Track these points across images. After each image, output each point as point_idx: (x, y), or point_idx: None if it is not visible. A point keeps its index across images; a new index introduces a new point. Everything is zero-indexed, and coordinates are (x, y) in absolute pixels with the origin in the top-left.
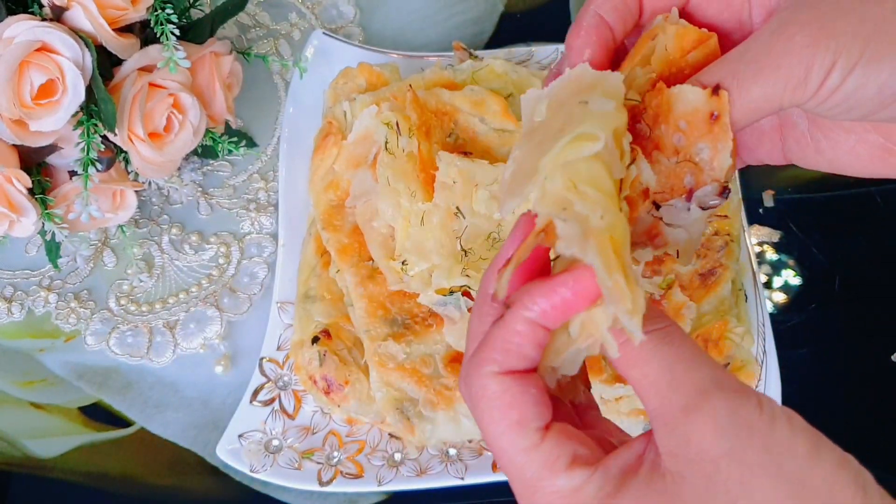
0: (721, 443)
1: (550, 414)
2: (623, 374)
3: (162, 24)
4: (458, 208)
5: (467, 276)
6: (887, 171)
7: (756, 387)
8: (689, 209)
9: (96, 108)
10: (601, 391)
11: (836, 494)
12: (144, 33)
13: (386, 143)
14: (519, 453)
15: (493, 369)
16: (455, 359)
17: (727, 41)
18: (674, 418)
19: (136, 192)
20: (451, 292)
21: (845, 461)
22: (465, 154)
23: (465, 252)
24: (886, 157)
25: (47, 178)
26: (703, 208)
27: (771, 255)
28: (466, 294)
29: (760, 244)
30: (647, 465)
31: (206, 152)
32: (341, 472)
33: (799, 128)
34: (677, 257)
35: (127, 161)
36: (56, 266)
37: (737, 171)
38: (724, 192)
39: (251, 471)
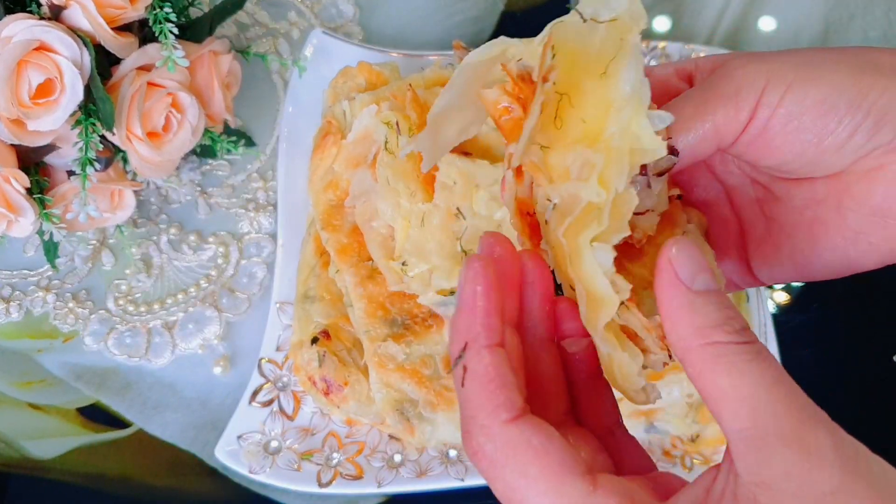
0: (830, 479)
1: (581, 456)
2: (701, 381)
3: (160, 23)
4: (458, 209)
5: None
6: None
7: None
8: (649, 184)
9: (94, 108)
10: None
11: None
12: (143, 32)
13: (386, 142)
14: None
15: (505, 416)
16: None
17: None
18: (769, 444)
19: (134, 191)
20: (452, 292)
21: None
22: (465, 154)
23: (466, 253)
24: (850, 245)
25: (45, 178)
26: (660, 174)
27: None
28: None
29: None
30: (721, 497)
31: (204, 152)
32: (341, 474)
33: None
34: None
35: (125, 161)
36: (54, 266)
37: None
38: (673, 150)
39: (250, 472)
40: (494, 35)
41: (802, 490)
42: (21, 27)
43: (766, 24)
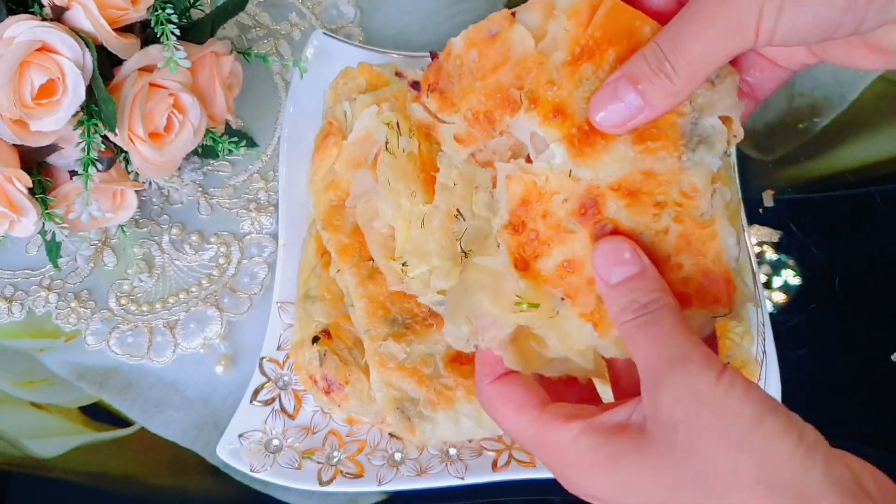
0: (677, 409)
1: (544, 396)
2: (629, 350)
3: (162, 24)
4: (458, 210)
5: None
6: (890, 64)
7: None
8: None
9: (97, 108)
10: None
11: (772, 455)
12: (145, 33)
13: (386, 143)
14: (525, 428)
15: (486, 381)
16: (455, 358)
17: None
18: (650, 387)
19: (136, 191)
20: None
21: (790, 425)
22: None
23: (466, 254)
24: (885, 60)
25: (48, 178)
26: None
27: (771, 254)
28: None
29: (760, 244)
30: (636, 423)
31: (206, 152)
32: (341, 472)
33: None
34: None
35: (127, 161)
36: (56, 266)
37: (736, 172)
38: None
39: (251, 471)
40: None
41: (666, 419)
42: (23, 28)
43: None
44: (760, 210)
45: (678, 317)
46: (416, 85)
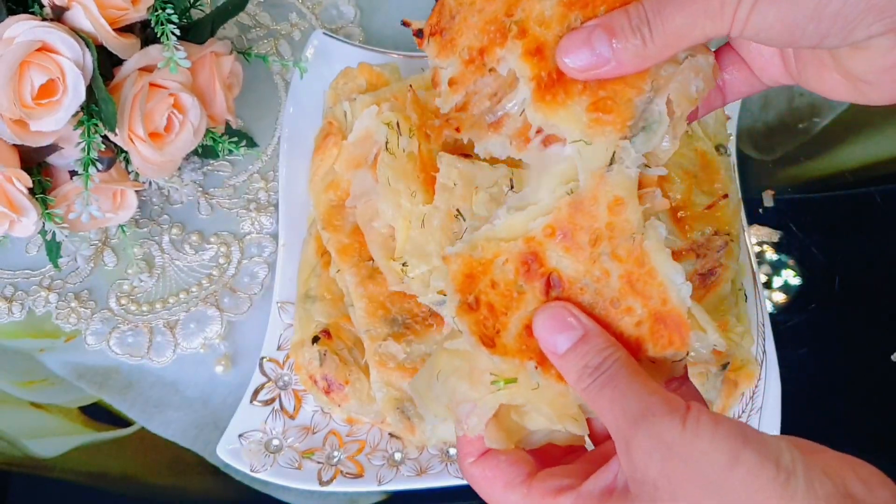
0: (652, 466)
1: (530, 465)
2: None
3: (162, 24)
4: (458, 210)
5: None
6: (859, 99)
7: (756, 386)
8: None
9: (97, 108)
10: None
11: (754, 494)
12: (145, 33)
13: (386, 143)
14: None
15: (469, 461)
16: None
17: None
18: (623, 449)
19: (136, 191)
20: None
21: (765, 455)
22: (466, 156)
23: None
24: (854, 90)
25: (48, 178)
26: None
27: (771, 254)
28: None
29: (760, 244)
30: (620, 487)
31: (206, 152)
32: (341, 472)
33: (790, 55)
34: None
35: (127, 161)
36: (56, 266)
37: (736, 172)
38: None
39: (251, 470)
40: None
41: (643, 478)
42: (23, 28)
43: None
44: (760, 210)
45: (633, 369)
46: (419, 33)
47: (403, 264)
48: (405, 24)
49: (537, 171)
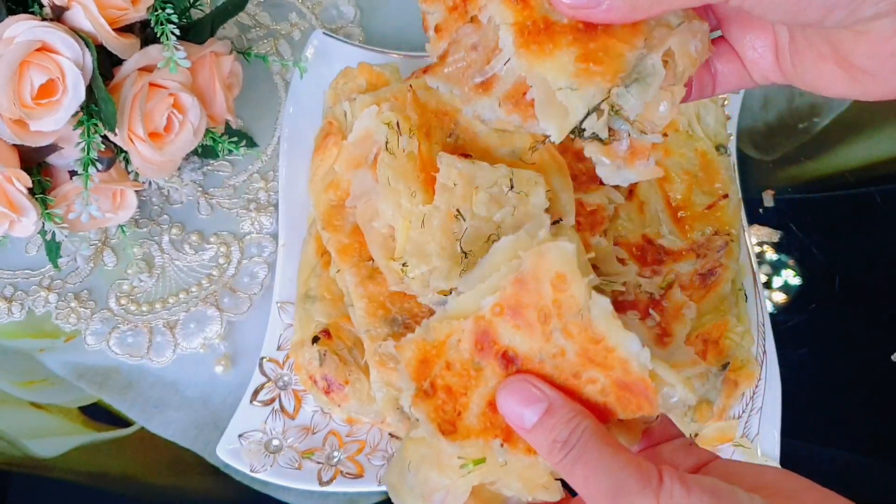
0: None
1: None
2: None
3: (162, 24)
4: (458, 210)
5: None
6: (857, 93)
7: (756, 386)
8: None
9: (96, 108)
10: None
11: None
12: (144, 33)
13: (386, 143)
14: None
15: None
16: None
17: None
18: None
19: (136, 191)
20: (452, 292)
21: None
22: (466, 156)
23: (466, 254)
24: (852, 82)
25: (47, 178)
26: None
27: (771, 255)
28: None
29: (760, 244)
30: None
31: (206, 152)
32: (341, 472)
33: (784, 49)
34: None
35: (127, 161)
36: (56, 266)
37: (736, 172)
38: None
39: (251, 471)
40: None
41: None
42: (23, 28)
43: None
44: (760, 210)
45: (603, 439)
46: None
47: (403, 264)
48: None
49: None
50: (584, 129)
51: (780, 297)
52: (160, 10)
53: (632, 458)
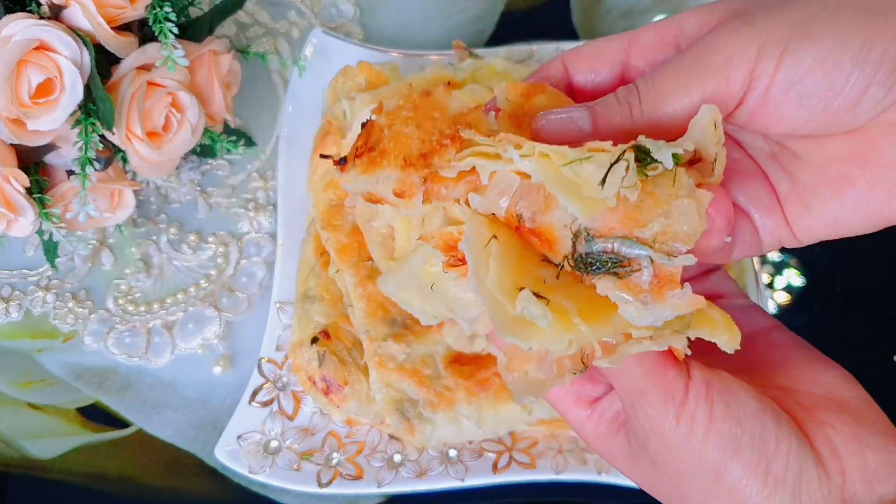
0: (650, 444)
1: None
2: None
3: (160, 23)
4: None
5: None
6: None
7: None
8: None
9: (94, 107)
10: None
11: (740, 498)
12: (143, 31)
13: None
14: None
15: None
16: (455, 359)
17: None
18: (628, 412)
19: (134, 191)
20: None
21: (754, 464)
22: None
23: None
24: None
25: (45, 178)
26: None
27: (773, 255)
28: None
29: None
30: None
31: (204, 151)
32: (340, 474)
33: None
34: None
35: (125, 160)
36: (54, 266)
37: None
38: None
39: (250, 472)
40: (495, 34)
41: (641, 439)
42: (21, 27)
43: None
44: None
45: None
46: (342, 160)
47: None
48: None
49: None
50: (591, 263)
51: (782, 298)
52: (158, 9)
53: (662, 363)
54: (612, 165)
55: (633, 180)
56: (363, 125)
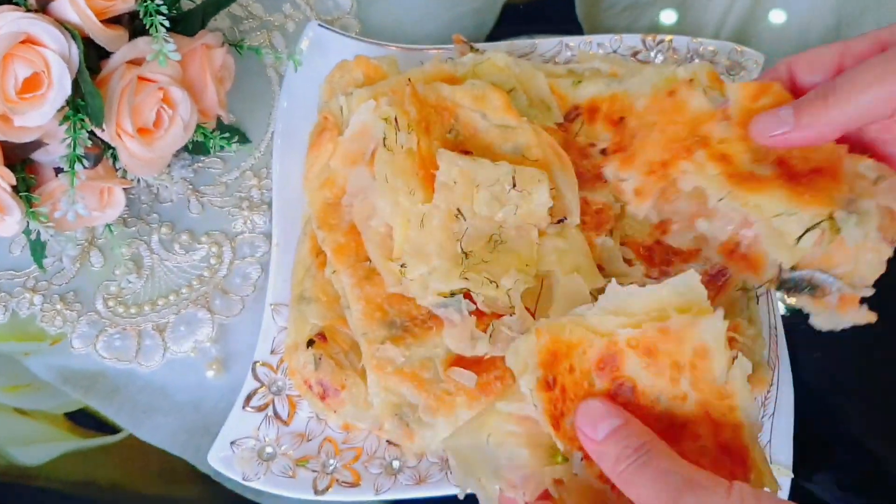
0: None
1: None
2: (629, 493)
3: (151, 16)
4: (458, 210)
5: (466, 279)
6: None
7: (768, 392)
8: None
9: (83, 103)
10: None
11: None
12: (133, 25)
13: (384, 138)
14: None
15: None
16: (456, 363)
17: None
18: None
19: (124, 189)
20: (452, 295)
21: None
22: (466, 152)
23: (466, 255)
24: None
25: (32, 175)
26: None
27: None
28: (468, 296)
29: None
30: None
31: (196, 148)
32: (337, 481)
33: None
34: None
35: (115, 157)
36: (41, 266)
37: None
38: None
39: (244, 479)
40: (496, 28)
41: None
42: (7, 20)
43: (776, 17)
44: None
45: (673, 454)
46: (603, 151)
47: (402, 265)
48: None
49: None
50: (792, 287)
51: (792, 299)
52: (149, 1)
53: (700, 468)
54: (807, 230)
55: (826, 246)
56: (616, 123)
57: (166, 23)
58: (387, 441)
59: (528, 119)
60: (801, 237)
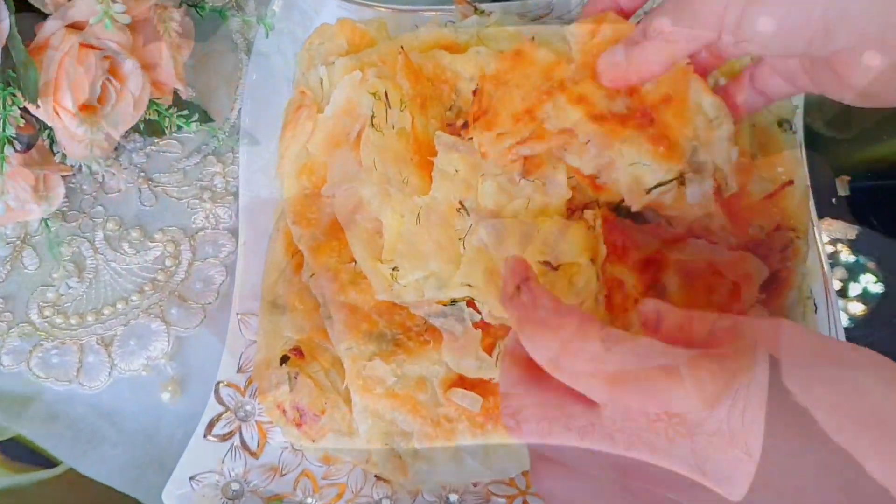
0: None
1: None
2: None
3: None
4: (460, 203)
5: (469, 285)
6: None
7: None
8: None
9: (14, 75)
10: None
11: None
12: None
13: (372, 117)
14: None
15: None
16: (456, 384)
17: None
18: None
19: (63, 177)
20: (453, 303)
21: None
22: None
23: None
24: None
25: None
26: None
27: (846, 255)
28: (471, 305)
29: (833, 242)
30: None
31: (150, 129)
32: None
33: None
34: None
35: (52, 139)
36: None
37: (804, 154)
38: None
39: None
40: None
41: None
42: None
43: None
44: (833, 200)
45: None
46: (464, 125)
47: (393, 268)
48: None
49: None
50: (623, 214)
51: (857, 308)
52: None
53: None
54: (659, 184)
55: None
56: (474, 92)
57: None
58: (375, 476)
59: None
60: (651, 189)
